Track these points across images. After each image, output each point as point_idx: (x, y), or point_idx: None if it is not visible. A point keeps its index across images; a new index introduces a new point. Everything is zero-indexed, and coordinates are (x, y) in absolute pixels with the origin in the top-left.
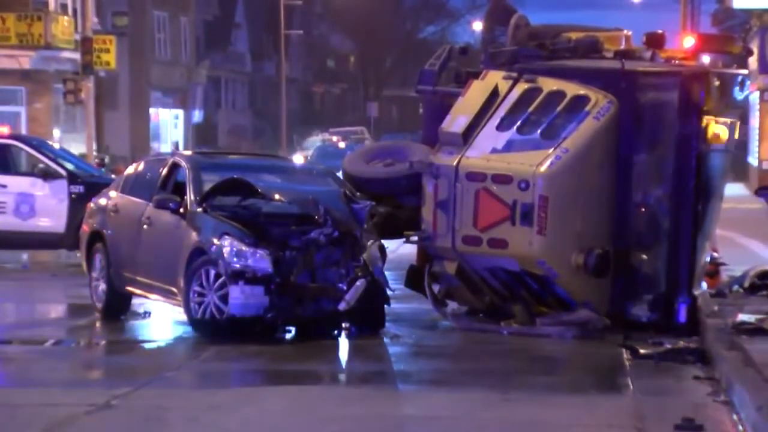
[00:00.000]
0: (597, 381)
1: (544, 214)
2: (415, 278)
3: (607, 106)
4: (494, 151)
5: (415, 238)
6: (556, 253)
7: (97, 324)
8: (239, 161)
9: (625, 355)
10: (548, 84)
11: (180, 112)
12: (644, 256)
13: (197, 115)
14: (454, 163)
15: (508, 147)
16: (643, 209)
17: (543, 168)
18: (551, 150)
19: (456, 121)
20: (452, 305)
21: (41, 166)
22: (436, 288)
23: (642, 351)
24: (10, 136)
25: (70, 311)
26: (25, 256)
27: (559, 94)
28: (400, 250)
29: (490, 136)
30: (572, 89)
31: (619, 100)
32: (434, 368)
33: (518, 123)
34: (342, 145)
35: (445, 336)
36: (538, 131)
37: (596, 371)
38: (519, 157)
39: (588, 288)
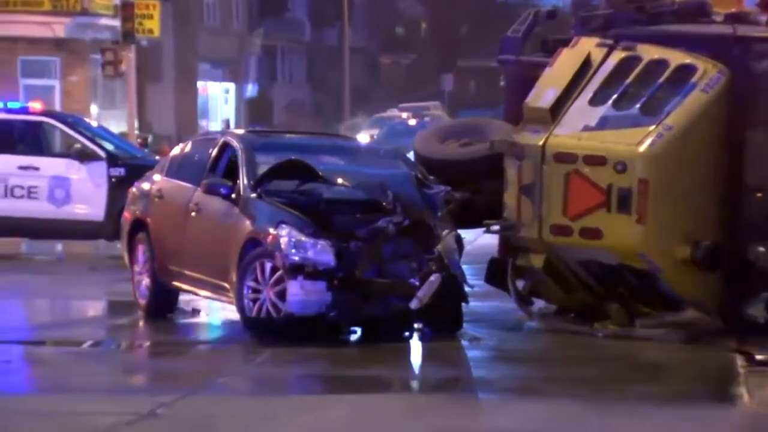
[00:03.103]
0: (706, 392)
1: (644, 200)
2: (496, 273)
3: (717, 77)
4: (586, 128)
5: (497, 228)
6: (659, 244)
7: (140, 323)
8: (297, 141)
9: (740, 361)
10: (649, 52)
11: (231, 86)
12: (762, 249)
13: (250, 90)
14: (541, 142)
15: (603, 124)
16: (760, 195)
17: (643, 148)
18: (652, 127)
19: (543, 94)
20: (539, 303)
21: (77, 146)
22: (520, 284)
23: (759, 357)
24: (42, 113)
25: (110, 309)
26: (59, 247)
27: (661, 64)
28: (480, 240)
29: (581, 112)
30: (676, 58)
31: (731, 69)
32: (518, 375)
33: (614, 96)
34: (412, 122)
35: (531, 339)
36: (637, 106)
37: (705, 380)
38: (615, 136)
39: (696, 285)
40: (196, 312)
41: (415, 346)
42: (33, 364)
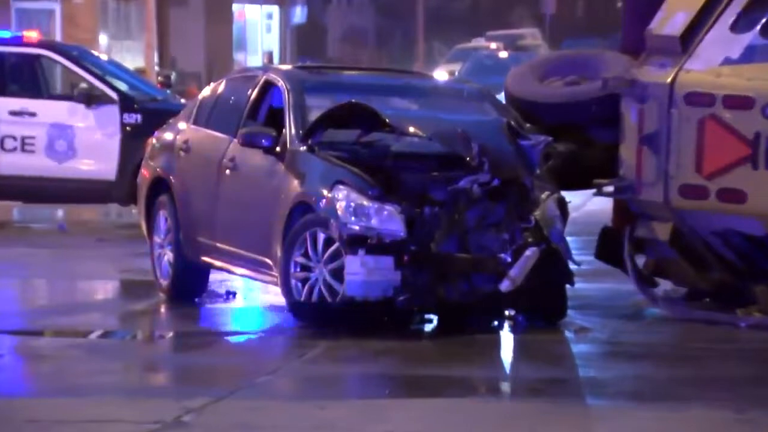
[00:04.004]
0: None
1: None
2: (609, 246)
3: None
4: (727, 61)
5: (611, 189)
6: None
7: (162, 309)
8: (358, 79)
9: None
10: None
11: (275, 10)
12: None
13: (299, 14)
14: (669, 80)
15: (748, 56)
16: None
17: None
18: None
19: (672, 19)
20: (664, 285)
21: (83, 86)
22: (640, 261)
23: None
24: (40, 44)
25: (124, 291)
26: (60, 213)
27: None
28: (589, 205)
29: (720, 41)
30: None
31: None
32: (637, 375)
33: (763, 21)
34: (504, 54)
35: (654, 329)
36: None
37: None
38: (764, 71)
39: None
40: (230, 295)
41: (507, 339)
42: (29, 359)
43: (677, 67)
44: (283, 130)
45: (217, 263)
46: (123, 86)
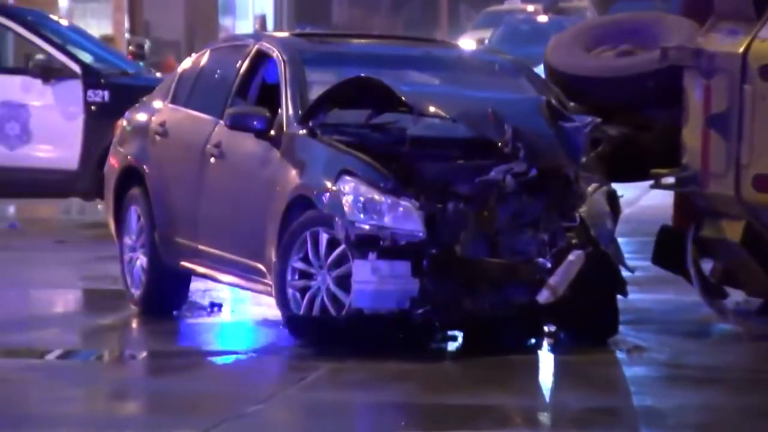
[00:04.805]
0: None
1: None
2: (669, 250)
3: None
4: None
5: (671, 181)
6: None
7: (133, 324)
8: (368, 49)
9: None
10: None
11: None
12: None
13: None
14: (741, 49)
15: None
16: None
17: None
18: None
19: None
20: (735, 295)
21: (39, 57)
22: (706, 266)
23: None
24: None
25: (88, 302)
26: (12, 209)
27: None
28: (645, 200)
29: None
30: None
31: None
32: (702, 404)
33: None
34: (543, 19)
35: (722, 349)
36: None
37: None
38: None
39: None
40: (215, 307)
41: (546, 361)
42: None
43: (751, 34)
44: (279, 110)
45: (200, 269)
46: (87, 57)
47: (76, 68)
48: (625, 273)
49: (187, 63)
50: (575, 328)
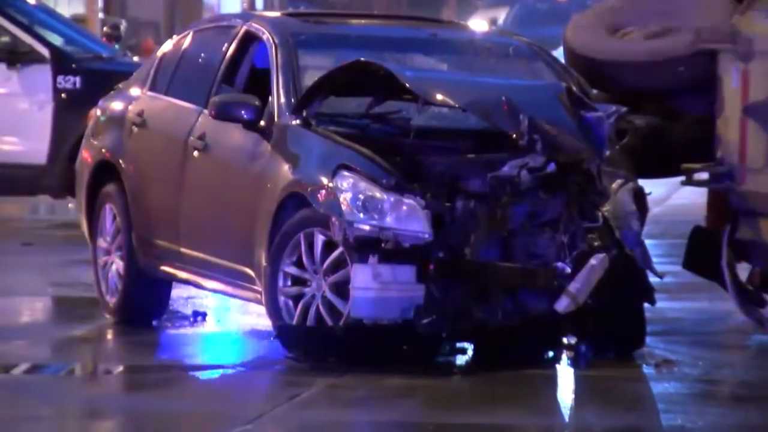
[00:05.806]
0: None
1: None
2: (702, 252)
3: None
4: None
5: (705, 177)
6: None
7: (108, 335)
8: (369, 30)
9: None
10: None
11: None
12: None
13: None
14: None
15: None
16: None
17: None
18: None
19: None
20: None
21: (4, 39)
22: (743, 271)
23: None
24: None
25: (58, 311)
26: None
27: None
28: (675, 198)
29: None
30: None
31: None
32: (739, 424)
33: None
34: None
35: (760, 363)
36: None
37: None
38: None
39: None
40: (199, 317)
41: (566, 376)
42: None
43: None
44: (270, 99)
45: (182, 275)
46: (57, 40)
47: (45, 52)
48: (652, 278)
49: (167, 46)
50: (597, 339)
